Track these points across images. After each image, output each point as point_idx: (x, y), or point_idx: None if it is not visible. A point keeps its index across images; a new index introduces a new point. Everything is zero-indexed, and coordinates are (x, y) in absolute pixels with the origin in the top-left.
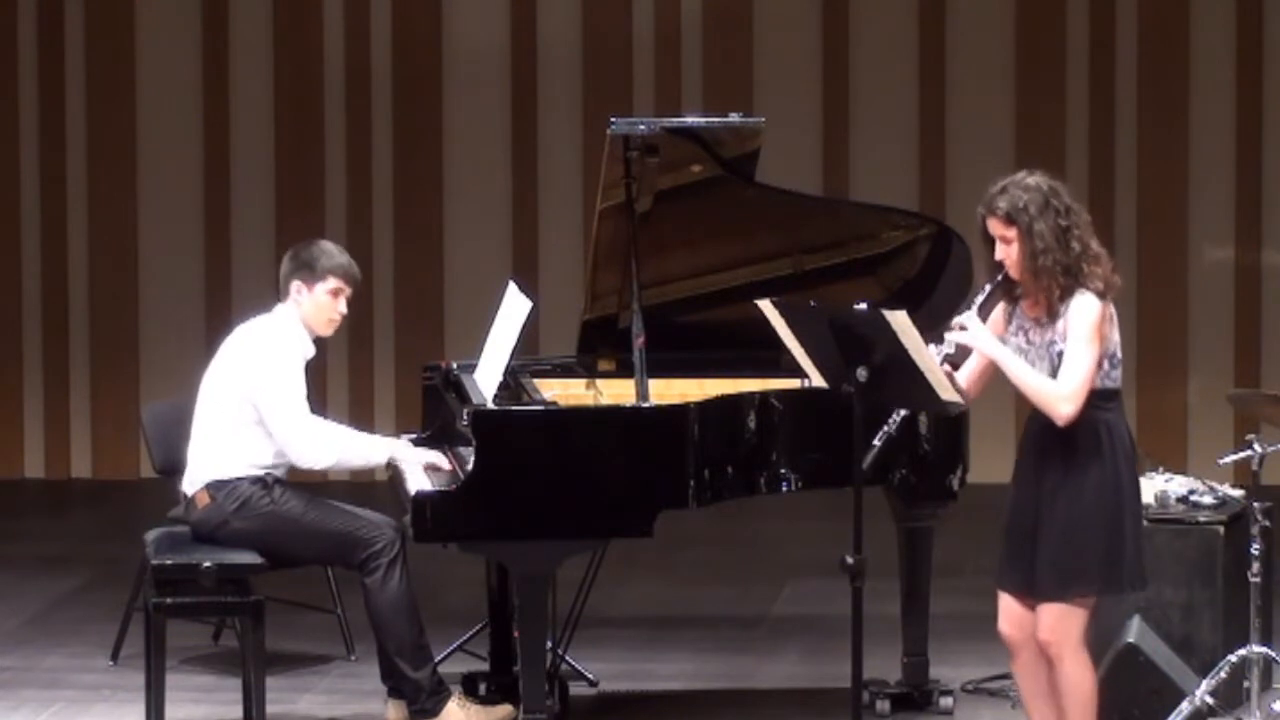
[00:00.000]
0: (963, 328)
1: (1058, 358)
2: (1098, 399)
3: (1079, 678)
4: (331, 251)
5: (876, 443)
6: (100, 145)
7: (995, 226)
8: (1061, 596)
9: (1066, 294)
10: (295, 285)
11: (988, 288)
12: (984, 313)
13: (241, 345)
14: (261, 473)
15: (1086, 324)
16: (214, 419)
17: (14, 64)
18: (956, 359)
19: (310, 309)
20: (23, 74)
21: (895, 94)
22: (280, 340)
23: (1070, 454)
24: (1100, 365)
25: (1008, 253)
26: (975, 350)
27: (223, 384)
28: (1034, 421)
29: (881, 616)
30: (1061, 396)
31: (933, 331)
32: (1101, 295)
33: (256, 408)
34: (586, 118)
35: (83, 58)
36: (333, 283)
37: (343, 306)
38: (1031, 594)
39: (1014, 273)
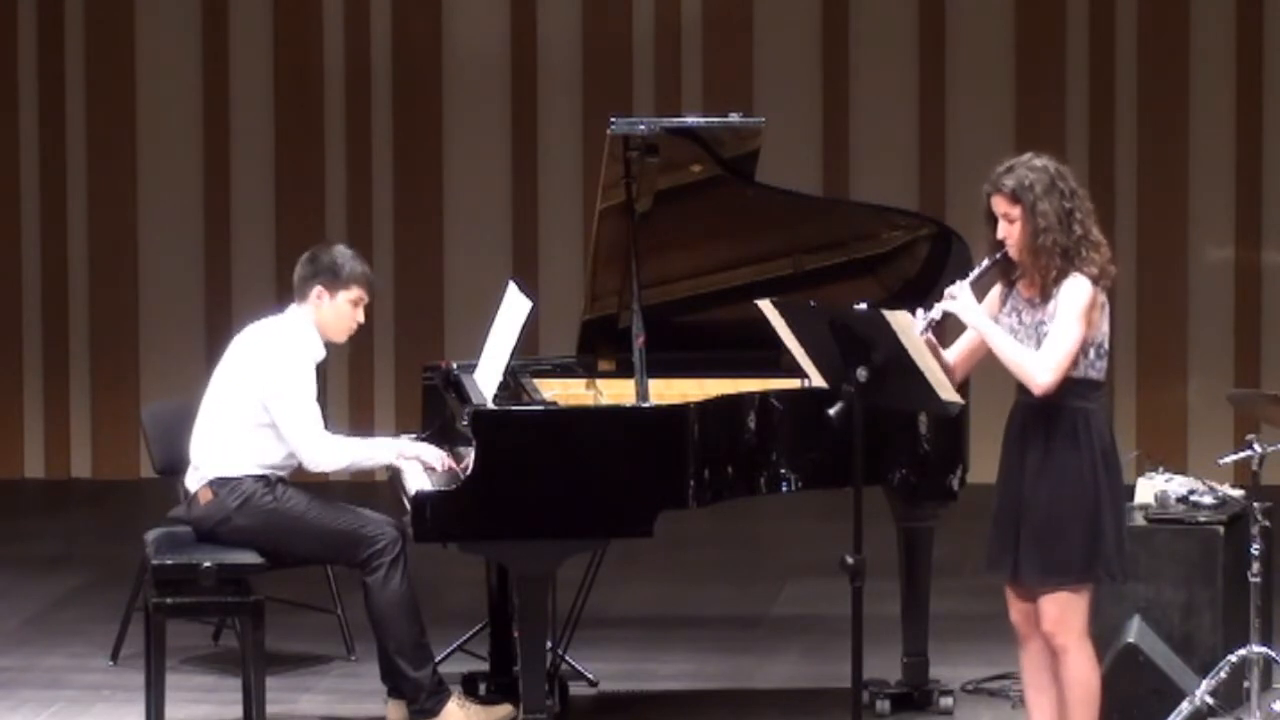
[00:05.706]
0: (953, 297)
1: (1044, 338)
2: (1080, 388)
3: (1082, 672)
4: (354, 259)
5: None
6: (100, 145)
7: (1000, 204)
8: (1042, 584)
9: (1061, 276)
10: (316, 290)
11: (985, 263)
12: (977, 287)
13: (255, 346)
14: (267, 472)
15: (1077, 303)
16: (222, 417)
17: (14, 64)
18: (941, 330)
19: (330, 315)
20: (23, 74)
21: (895, 94)
22: (294, 344)
23: (1049, 443)
24: (1086, 353)
25: (1010, 231)
26: (967, 326)
27: (234, 383)
28: (1016, 409)
29: (881, 616)
30: (1041, 366)
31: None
32: (1095, 280)
33: (269, 410)
34: (586, 118)
35: (83, 58)
36: (356, 292)
37: (361, 316)
38: (1017, 581)
39: (1014, 252)
